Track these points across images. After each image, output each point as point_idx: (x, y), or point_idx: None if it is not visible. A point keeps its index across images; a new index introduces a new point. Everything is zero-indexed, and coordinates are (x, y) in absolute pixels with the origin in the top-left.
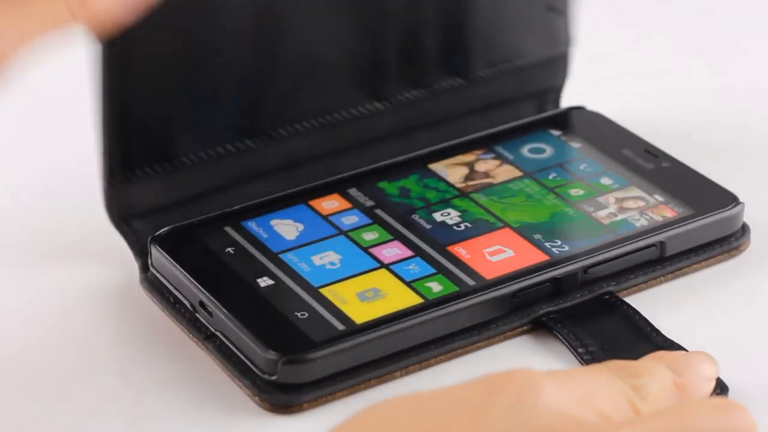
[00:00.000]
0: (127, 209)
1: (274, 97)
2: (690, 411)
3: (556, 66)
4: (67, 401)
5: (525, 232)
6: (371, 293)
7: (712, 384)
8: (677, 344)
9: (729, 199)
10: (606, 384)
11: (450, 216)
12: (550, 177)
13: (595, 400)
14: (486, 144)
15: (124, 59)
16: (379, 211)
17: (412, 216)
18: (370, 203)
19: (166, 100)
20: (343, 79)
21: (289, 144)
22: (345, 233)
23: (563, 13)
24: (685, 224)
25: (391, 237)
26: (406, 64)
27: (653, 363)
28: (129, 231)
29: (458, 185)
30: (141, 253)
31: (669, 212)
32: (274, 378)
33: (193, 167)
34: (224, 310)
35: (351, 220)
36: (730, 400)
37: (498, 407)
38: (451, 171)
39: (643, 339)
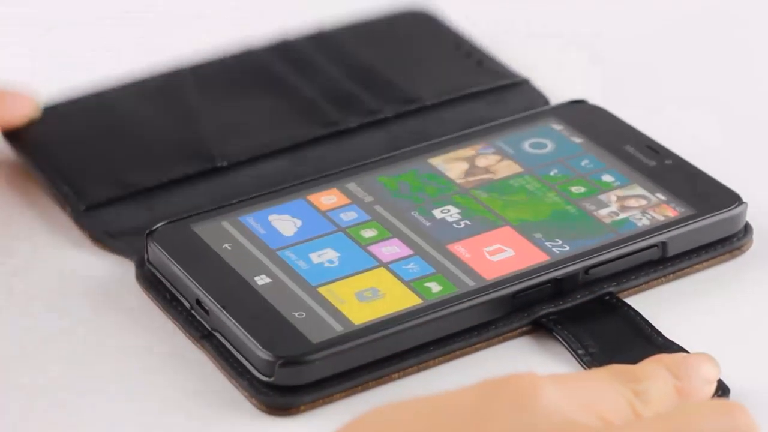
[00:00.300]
0: (106, 230)
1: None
2: (690, 413)
3: (522, 92)
4: (60, 399)
5: (525, 230)
6: (370, 293)
7: (713, 386)
8: (678, 345)
9: (732, 199)
10: (607, 388)
11: (450, 213)
12: (552, 173)
13: (596, 404)
14: (486, 138)
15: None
16: (378, 207)
17: (412, 213)
18: (369, 198)
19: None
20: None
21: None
22: (343, 230)
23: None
24: (688, 224)
25: (390, 234)
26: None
27: (654, 367)
28: (115, 245)
29: (458, 181)
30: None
31: (671, 212)
32: (271, 379)
33: (157, 197)
34: (221, 308)
35: (350, 216)
36: (731, 401)
37: (498, 411)
38: (451, 166)
39: (643, 340)
